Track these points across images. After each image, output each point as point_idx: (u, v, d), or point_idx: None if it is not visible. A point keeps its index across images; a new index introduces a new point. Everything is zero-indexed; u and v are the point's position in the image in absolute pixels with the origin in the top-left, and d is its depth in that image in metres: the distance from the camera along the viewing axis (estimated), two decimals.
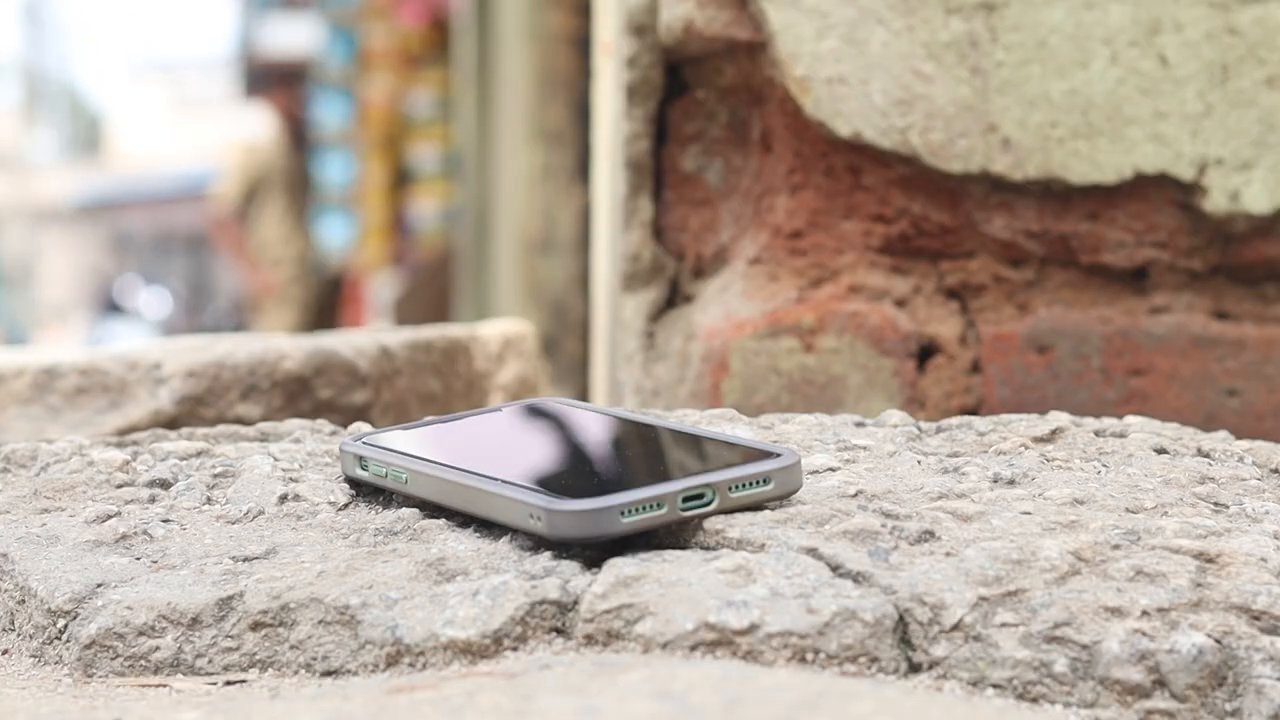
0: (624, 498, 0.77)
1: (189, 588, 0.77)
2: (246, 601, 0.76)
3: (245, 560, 0.81)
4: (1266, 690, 0.68)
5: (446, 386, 1.63)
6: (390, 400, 1.53)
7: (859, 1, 1.26)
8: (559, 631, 0.72)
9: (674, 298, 1.36)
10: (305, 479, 0.92)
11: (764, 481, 0.80)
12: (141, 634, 0.76)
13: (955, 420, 1.02)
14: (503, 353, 1.72)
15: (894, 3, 1.26)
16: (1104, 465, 0.92)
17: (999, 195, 1.29)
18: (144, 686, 0.74)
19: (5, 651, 0.80)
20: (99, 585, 0.78)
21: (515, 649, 0.71)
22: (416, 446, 0.89)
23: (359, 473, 0.90)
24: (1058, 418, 1.01)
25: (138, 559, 0.82)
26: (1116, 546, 0.76)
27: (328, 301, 6.94)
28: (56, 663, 0.77)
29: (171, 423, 1.43)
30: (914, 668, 0.70)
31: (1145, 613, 0.70)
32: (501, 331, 1.74)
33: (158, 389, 1.45)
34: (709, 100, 1.34)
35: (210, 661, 0.75)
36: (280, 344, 1.51)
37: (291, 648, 0.75)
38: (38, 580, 0.80)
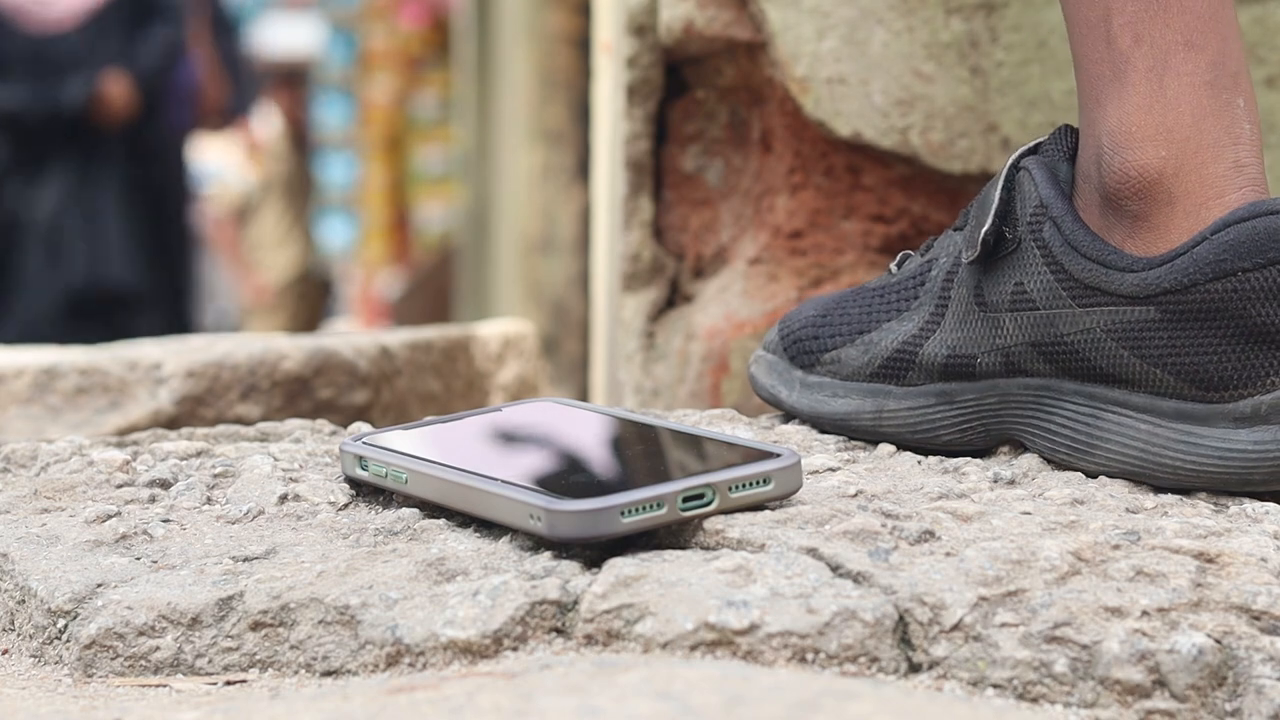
0: (624, 498, 0.77)
1: (189, 588, 0.77)
2: (246, 601, 0.76)
3: (245, 560, 0.81)
4: (1266, 690, 0.68)
5: (446, 386, 1.63)
6: (390, 400, 1.53)
7: (859, 1, 1.26)
8: (559, 631, 0.72)
9: (674, 298, 1.36)
10: (305, 479, 0.92)
11: (764, 482, 0.80)
12: (141, 634, 0.76)
13: None
14: (503, 353, 1.72)
15: (894, 3, 1.26)
16: None
17: None
18: (144, 686, 0.74)
19: (5, 651, 0.80)
20: (99, 585, 0.78)
21: (515, 649, 0.71)
22: (416, 446, 0.89)
23: (359, 473, 0.89)
24: None
25: (138, 559, 0.82)
26: (1116, 546, 0.76)
27: (319, 308, 6.92)
28: (56, 663, 0.77)
29: (171, 423, 1.43)
30: (914, 668, 0.70)
31: (1145, 613, 0.70)
32: (501, 331, 1.74)
33: (158, 389, 1.45)
34: (709, 100, 1.34)
35: (210, 661, 0.75)
36: (280, 344, 1.51)
37: (291, 648, 0.75)
38: (38, 580, 0.80)
